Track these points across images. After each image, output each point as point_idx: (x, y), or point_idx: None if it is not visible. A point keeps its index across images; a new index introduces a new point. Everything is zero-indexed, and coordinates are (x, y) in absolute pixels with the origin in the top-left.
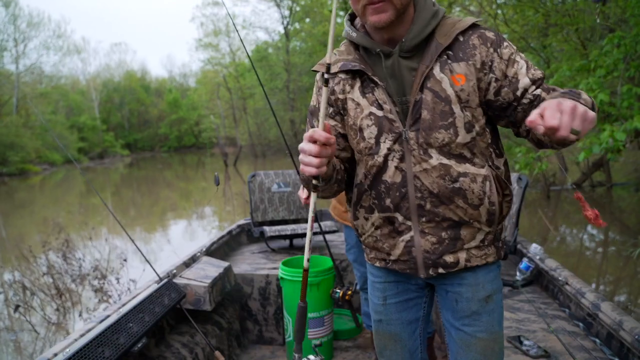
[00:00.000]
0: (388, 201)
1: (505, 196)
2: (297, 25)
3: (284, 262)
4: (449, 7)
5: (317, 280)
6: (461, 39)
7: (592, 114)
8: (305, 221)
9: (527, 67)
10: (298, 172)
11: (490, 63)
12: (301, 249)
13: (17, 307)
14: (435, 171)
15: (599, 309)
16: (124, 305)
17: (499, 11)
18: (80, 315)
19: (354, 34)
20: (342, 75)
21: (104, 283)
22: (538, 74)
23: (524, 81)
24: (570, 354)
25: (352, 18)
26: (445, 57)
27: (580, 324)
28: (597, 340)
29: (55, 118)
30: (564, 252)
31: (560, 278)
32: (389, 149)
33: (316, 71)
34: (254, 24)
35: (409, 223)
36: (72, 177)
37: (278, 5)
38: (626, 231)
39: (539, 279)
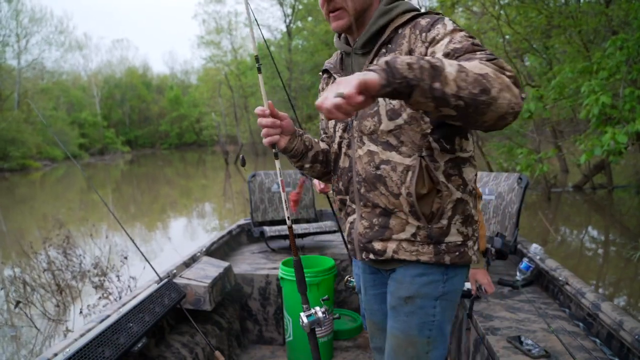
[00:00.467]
0: (341, 184)
1: (438, 192)
2: (299, 23)
3: (284, 262)
4: (451, 7)
5: (317, 280)
6: (399, 31)
7: (353, 78)
8: (306, 221)
9: (451, 40)
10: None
11: (414, 49)
12: (302, 249)
13: (17, 302)
14: (365, 157)
15: (599, 309)
16: (124, 305)
17: (502, 12)
18: (80, 312)
19: (335, 40)
20: (324, 75)
21: (104, 280)
22: (455, 46)
23: (438, 57)
24: (570, 354)
25: None
26: (384, 50)
27: (581, 324)
28: (597, 340)
29: (57, 114)
30: (563, 254)
31: (560, 278)
32: (340, 137)
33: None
34: (256, 21)
35: (353, 206)
36: (72, 173)
37: (281, 4)
38: (626, 233)
39: (539, 279)
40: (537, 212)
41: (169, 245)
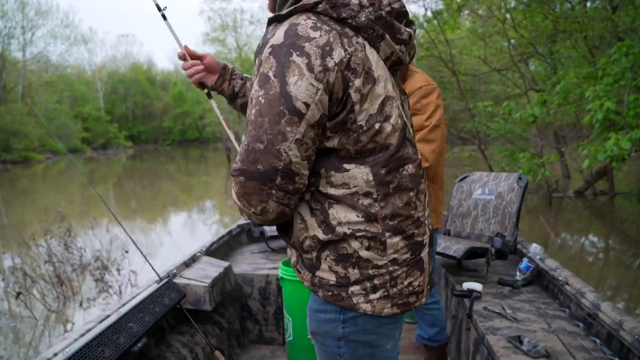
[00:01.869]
0: None
1: (297, 223)
2: None
3: (284, 262)
4: (457, 10)
5: None
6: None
7: None
8: None
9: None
10: None
11: None
12: None
13: (18, 293)
14: None
15: (599, 309)
16: (124, 305)
17: (508, 15)
18: (80, 304)
19: None
20: None
21: (104, 273)
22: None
23: None
24: (570, 354)
25: None
26: None
27: (581, 324)
28: (597, 340)
29: (60, 107)
30: (564, 258)
31: (560, 278)
32: None
33: None
34: (261, 20)
35: None
36: (74, 166)
37: None
38: (627, 240)
39: (539, 278)
40: (538, 216)
41: (170, 240)
